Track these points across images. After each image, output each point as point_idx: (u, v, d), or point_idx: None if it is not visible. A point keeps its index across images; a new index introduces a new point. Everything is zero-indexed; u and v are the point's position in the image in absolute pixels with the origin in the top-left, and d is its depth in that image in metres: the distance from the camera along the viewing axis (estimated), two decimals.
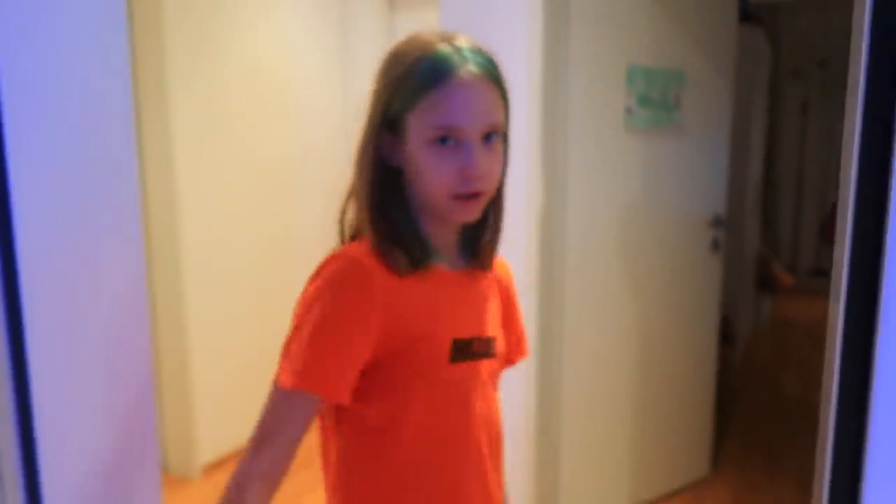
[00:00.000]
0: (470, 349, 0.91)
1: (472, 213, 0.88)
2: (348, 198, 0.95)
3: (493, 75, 0.86)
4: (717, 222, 2.63)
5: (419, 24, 3.40)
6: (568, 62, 2.10)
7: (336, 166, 3.67)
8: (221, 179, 3.00)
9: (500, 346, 0.97)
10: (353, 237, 0.95)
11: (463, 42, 0.87)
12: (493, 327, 0.96)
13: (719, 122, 2.63)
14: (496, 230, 0.96)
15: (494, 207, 0.94)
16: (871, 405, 0.39)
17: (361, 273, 0.85)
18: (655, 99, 2.33)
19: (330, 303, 0.84)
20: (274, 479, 0.84)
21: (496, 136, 0.87)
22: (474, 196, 0.86)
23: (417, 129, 0.85)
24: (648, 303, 2.45)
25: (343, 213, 0.96)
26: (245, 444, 0.87)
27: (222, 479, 0.84)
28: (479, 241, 0.95)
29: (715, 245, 2.65)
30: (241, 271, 3.13)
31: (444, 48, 0.85)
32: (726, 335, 3.69)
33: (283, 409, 0.86)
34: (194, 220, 2.87)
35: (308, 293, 0.88)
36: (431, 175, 0.85)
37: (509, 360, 1.04)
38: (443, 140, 0.84)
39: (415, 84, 0.84)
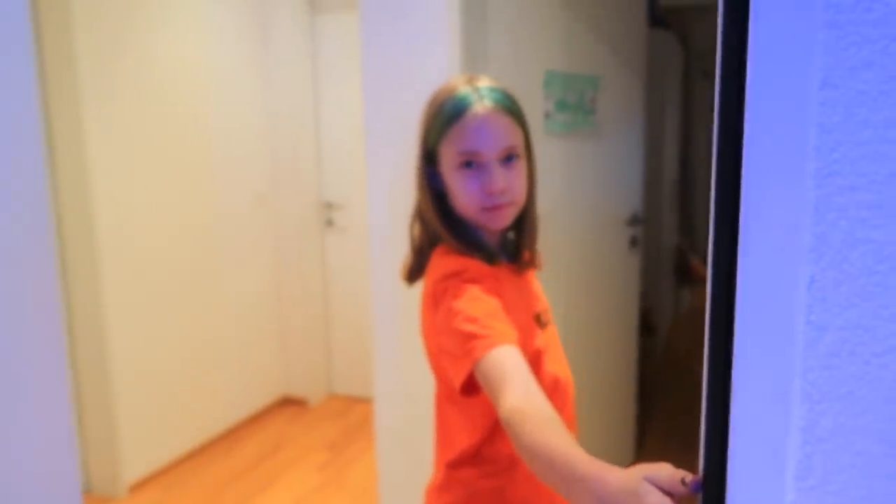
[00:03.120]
0: (542, 319, 1.13)
1: (501, 221, 1.07)
2: (414, 216, 1.16)
3: (506, 107, 1.05)
4: (634, 221, 2.74)
5: (340, 27, 3.37)
6: (486, 69, 2.14)
7: (258, 167, 3.62)
8: (139, 183, 2.92)
9: (549, 316, 1.20)
10: (421, 248, 1.15)
11: (482, 83, 1.07)
12: (542, 300, 1.19)
13: (634, 124, 2.74)
14: (531, 237, 1.16)
15: (527, 218, 1.13)
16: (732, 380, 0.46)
17: (473, 264, 1.04)
18: (572, 103, 2.41)
19: (464, 289, 0.98)
20: (534, 412, 0.78)
21: (516, 157, 1.05)
22: (499, 207, 1.04)
23: (447, 156, 1.05)
24: (571, 301, 2.53)
25: (411, 228, 1.17)
26: (170, 464, 0.87)
27: (149, 498, 0.83)
28: (516, 246, 1.15)
29: (633, 243, 2.76)
30: (163, 286, 3.06)
31: (464, 89, 1.05)
32: (648, 327, 3.84)
33: (491, 374, 0.88)
34: (113, 231, 2.78)
35: (439, 299, 1.01)
36: (461, 194, 1.05)
37: None
38: (468, 164, 1.03)
39: (441, 120, 1.05)
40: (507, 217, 1.07)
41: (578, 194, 2.50)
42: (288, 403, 3.85)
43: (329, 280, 3.90)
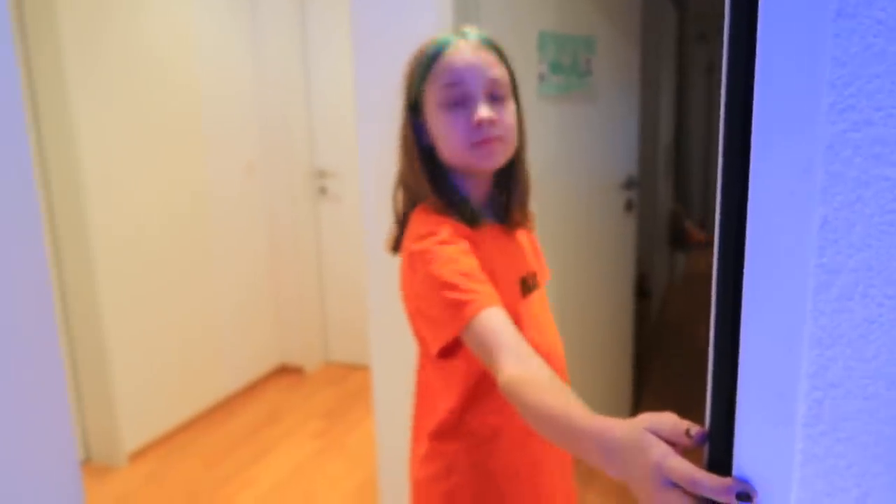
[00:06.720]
0: (528, 283, 1.09)
1: (491, 158, 1.01)
2: (397, 184, 1.10)
3: (489, 43, 1.03)
4: (630, 184, 2.72)
5: (330, 5, 3.28)
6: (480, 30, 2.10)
7: (249, 136, 3.58)
8: (129, 155, 2.88)
9: (540, 278, 1.14)
10: (404, 216, 1.10)
11: (468, 28, 1.04)
12: (531, 263, 1.13)
13: (629, 86, 2.71)
14: (520, 194, 1.10)
15: (515, 173, 1.09)
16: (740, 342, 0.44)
17: (449, 225, 1.00)
18: (567, 65, 2.37)
19: (439, 253, 0.95)
20: (529, 377, 0.78)
21: (502, 97, 1.01)
22: (487, 142, 0.99)
23: (431, 95, 1.01)
24: (567, 264, 2.52)
25: (394, 197, 1.12)
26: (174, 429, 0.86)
27: (149, 466, 0.82)
28: (505, 204, 1.10)
29: (629, 206, 2.74)
30: (156, 255, 3.03)
31: (445, 34, 1.03)
32: (643, 291, 3.85)
33: (483, 343, 0.87)
34: (104, 202, 2.75)
35: (416, 263, 0.98)
36: (449, 132, 1.00)
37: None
38: (453, 104, 0.99)
39: (423, 64, 1.02)
40: (496, 153, 1.01)
41: (574, 157, 2.48)
42: (284, 372, 3.86)
43: (323, 248, 3.88)
